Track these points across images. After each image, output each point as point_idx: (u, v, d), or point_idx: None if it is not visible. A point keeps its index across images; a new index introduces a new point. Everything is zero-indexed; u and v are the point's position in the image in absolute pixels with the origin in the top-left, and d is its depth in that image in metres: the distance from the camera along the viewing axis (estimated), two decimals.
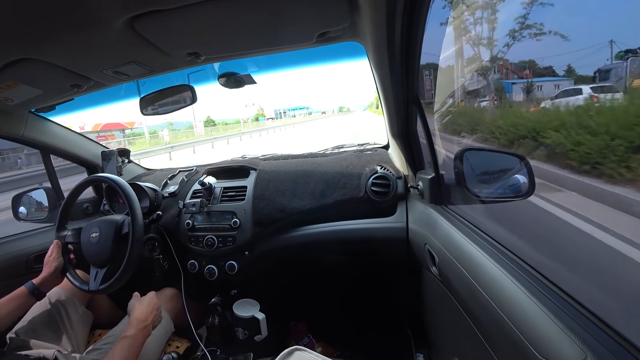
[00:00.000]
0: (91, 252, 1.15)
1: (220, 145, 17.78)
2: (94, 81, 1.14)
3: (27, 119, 1.38)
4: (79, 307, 1.22)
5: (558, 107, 2.04)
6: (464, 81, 3.56)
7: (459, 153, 0.99)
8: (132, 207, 1.15)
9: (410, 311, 1.43)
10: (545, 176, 1.78)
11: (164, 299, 1.30)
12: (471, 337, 0.76)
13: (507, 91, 2.82)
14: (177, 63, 1.12)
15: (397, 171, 1.37)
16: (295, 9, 0.81)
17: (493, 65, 3.04)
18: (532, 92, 2.36)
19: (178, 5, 0.72)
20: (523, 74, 2.52)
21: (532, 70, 2.45)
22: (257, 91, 66.12)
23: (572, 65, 1.97)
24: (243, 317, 1.33)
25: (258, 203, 1.37)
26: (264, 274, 1.47)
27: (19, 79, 1.01)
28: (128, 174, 1.78)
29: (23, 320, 1.11)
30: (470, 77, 3.54)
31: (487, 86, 3.24)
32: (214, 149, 16.28)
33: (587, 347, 0.46)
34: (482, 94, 3.36)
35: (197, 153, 14.67)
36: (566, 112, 1.90)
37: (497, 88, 3.00)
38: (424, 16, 0.76)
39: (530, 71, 2.46)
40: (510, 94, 2.75)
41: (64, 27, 0.76)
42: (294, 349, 0.84)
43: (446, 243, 0.91)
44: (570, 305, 0.55)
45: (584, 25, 1.75)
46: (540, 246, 1.27)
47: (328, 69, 10.48)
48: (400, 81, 0.99)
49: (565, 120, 1.76)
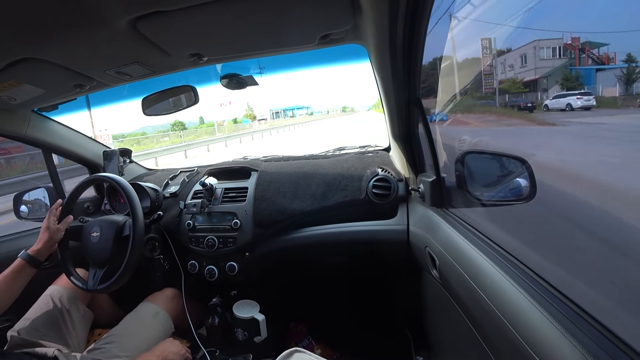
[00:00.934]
0: (91, 251, 1.16)
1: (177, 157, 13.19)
2: (97, 81, 1.14)
3: (29, 118, 1.38)
4: (81, 306, 1.22)
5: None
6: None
7: (460, 156, 0.99)
8: (133, 207, 1.15)
9: (410, 314, 1.43)
10: None
11: (164, 299, 1.30)
12: (471, 340, 0.75)
13: (588, 82, 1.94)
14: (179, 64, 1.12)
15: (398, 173, 1.37)
16: (298, 10, 0.81)
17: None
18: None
19: (181, 6, 0.72)
20: (603, 58, 1.74)
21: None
22: (250, 90, 62.10)
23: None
24: (243, 318, 1.32)
25: (259, 204, 1.37)
26: (264, 275, 1.47)
27: (22, 78, 1.02)
28: (129, 173, 1.78)
29: (24, 319, 1.12)
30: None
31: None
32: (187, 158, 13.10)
33: (588, 352, 0.46)
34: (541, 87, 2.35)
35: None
36: None
37: (568, 77, 2.06)
38: (426, 18, 0.76)
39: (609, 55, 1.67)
40: (594, 85, 1.86)
41: (67, 27, 0.76)
42: (293, 350, 0.84)
43: (447, 246, 0.91)
44: (571, 310, 0.55)
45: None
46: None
47: (329, 69, 10.06)
48: (402, 83, 0.99)
49: None
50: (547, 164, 1.78)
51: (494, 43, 2.64)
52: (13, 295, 1.04)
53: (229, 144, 18.86)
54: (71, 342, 1.12)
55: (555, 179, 1.65)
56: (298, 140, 16.82)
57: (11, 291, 1.03)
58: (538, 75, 2.36)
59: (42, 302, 1.17)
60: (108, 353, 1.03)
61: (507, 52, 2.60)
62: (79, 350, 1.12)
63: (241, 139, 21.45)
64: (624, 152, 1.56)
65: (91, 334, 1.27)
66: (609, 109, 1.77)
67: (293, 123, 34.90)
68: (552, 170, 1.77)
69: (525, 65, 2.42)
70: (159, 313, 1.23)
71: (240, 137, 22.03)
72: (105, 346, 1.06)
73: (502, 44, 2.73)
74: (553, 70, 2.20)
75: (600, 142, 1.80)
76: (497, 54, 2.63)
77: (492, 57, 2.61)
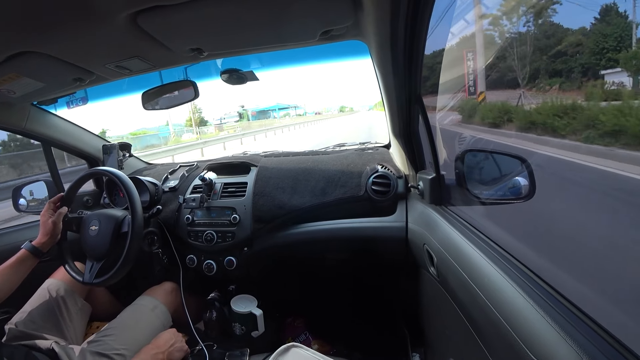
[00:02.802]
0: (89, 244, 1.16)
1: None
2: (96, 75, 1.14)
3: (29, 111, 1.38)
4: (78, 300, 1.22)
5: None
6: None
7: (460, 154, 0.99)
8: (132, 201, 1.15)
9: (407, 310, 1.43)
10: None
11: (163, 293, 1.30)
12: (467, 337, 0.76)
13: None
14: (179, 58, 1.11)
15: (397, 170, 1.37)
16: (299, 6, 0.81)
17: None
18: None
19: (181, 0, 0.72)
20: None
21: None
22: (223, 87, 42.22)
23: None
24: (241, 313, 1.33)
25: (258, 199, 1.37)
26: (262, 270, 1.47)
27: (22, 71, 1.01)
28: (129, 168, 1.78)
29: (22, 312, 1.12)
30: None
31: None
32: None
33: (582, 351, 0.46)
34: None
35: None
36: None
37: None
38: (428, 14, 0.76)
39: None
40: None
41: (67, 21, 0.76)
42: (290, 345, 0.84)
43: (445, 244, 0.91)
44: (566, 309, 0.55)
45: None
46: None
47: (325, 65, 9.33)
48: (403, 80, 0.99)
49: None
50: None
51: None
52: (13, 286, 1.05)
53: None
54: (69, 334, 1.13)
55: None
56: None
57: (12, 281, 1.04)
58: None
59: (40, 295, 1.17)
60: (106, 346, 1.03)
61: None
62: (76, 343, 1.12)
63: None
64: None
65: (89, 327, 1.28)
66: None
67: (266, 128, 24.40)
68: None
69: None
70: (157, 307, 1.24)
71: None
72: (103, 339, 1.06)
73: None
74: None
75: None
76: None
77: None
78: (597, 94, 2.22)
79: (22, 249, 1.08)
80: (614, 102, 2.01)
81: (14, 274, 1.05)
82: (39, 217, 1.16)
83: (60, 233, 1.16)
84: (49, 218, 1.13)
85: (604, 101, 2.15)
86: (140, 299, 1.26)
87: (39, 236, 1.11)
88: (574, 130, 2.22)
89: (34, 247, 1.08)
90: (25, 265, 1.07)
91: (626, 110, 1.74)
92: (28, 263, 1.08)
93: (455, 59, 3.57)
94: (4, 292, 1.02)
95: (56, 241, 1.16)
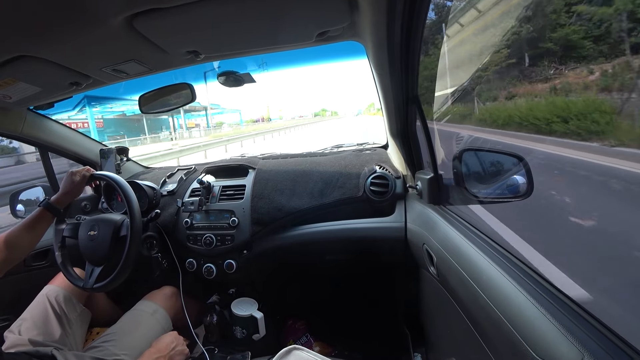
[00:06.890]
0: (88, 249, 1.15)
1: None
2: (93, 79, 1.13)
3: (25, 116, 1.37)
4: (77, 306, 1.22)
5: None
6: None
7: (458, 153, 0.99)
8: (131, 206, 1.14)
9: (408, 311, 1.43)
10: None
11: (163, 297, 1.30)
12: (469, 337, 0.76)
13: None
14: (176, 61, 1.11)
15: (396, 171, 1.37)
16: (295, 8, 0.81)
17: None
18: None
19: (177, 3, 0.72)
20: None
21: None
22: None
23: None
24: (241, 316, 1.33)
25: (257, 202, 1.36)
26: (262, 273, 1.47)
27: (18, 76, 1.01)
28: (126, 172, 1.78)
29: (21, 319, 1.11)
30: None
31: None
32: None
33: (584, 348, 0.46)
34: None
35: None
36: None
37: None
38: (424, 15, 0.76)
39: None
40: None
41: (62, 25, 0.75)
42: (291, 348, 0.84)
43: (444, 243, 0.91)
44: (567, 306, 0.55)
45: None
46: None
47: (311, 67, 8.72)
48: (400, 81, 0.99)
49: None
50: None
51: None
52: (32, 243, 1.08)
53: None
54: (68, 341, 1.12)
55: None
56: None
57: (29, 239, 1.07)
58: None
59: (39, 302, 1.16)
60: (106, 351, 1.03)
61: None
62: (77, 349, 1.12)
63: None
64: None
65: (89, 332, 1.27)
66: None
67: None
68: None
69: None
70: (157, 311, 1.23)
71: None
72: (103, 344, 1.05)
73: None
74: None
75: None
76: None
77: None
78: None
79: (39, 207, 1.10)
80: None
81: (31, 232, 1.07)
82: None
83: (78, 193, 1.18)
84: (74, 177, 1.16)
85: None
86: (140, 304, 1.25)
87: (58, 194, 1.14)
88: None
89: (49, 204, 1.11)
90: (42, 222, 1.10)
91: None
92: (45, 220, 1.10)
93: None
94: (20, 252, 1.05)
95: (74, 198, 1.19)
